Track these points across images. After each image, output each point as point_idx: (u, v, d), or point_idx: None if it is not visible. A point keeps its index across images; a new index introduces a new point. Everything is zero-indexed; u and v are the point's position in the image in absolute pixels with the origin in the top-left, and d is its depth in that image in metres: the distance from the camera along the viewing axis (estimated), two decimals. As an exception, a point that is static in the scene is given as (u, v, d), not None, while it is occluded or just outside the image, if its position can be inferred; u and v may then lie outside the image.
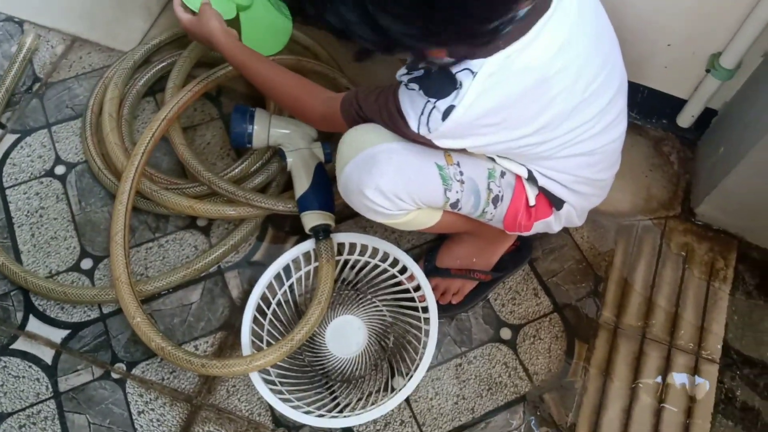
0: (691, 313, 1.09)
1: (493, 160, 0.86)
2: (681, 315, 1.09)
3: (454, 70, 0.71)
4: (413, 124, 0.75)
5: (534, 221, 0.93)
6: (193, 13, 1.05)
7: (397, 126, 0.79)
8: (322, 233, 1.04)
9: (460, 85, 0.71)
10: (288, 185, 1.13)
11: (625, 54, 0.90)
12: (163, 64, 1.22)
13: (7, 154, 1.19)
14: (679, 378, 1.04)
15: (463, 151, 0.81)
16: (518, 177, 0.89)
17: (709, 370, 1.05)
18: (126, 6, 1.35)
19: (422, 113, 0.74)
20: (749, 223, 1.14)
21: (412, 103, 0.75)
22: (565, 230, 1.16)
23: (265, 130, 1.10)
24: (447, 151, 0.84)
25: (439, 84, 0.72)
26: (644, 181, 1.21)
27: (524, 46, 0.70)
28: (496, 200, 0.89)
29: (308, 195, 1.06)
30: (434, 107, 0.72)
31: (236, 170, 1.14)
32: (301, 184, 1.07)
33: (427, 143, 0.78)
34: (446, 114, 0.72)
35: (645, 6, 1.04)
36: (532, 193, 0.91)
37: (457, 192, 0.85)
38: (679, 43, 1.08)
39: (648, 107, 1.24)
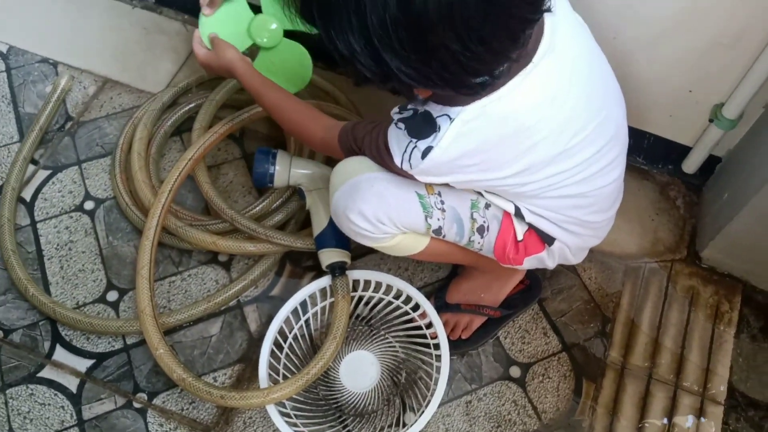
0: (697, 354, 1.12)
1: (480, 193, 0.91)
2: (687, 356, 1.11)
3: (434, 114, 0.76)
4: (397, 160, 0.81)
5: (524, 256, 0.96)
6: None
7: (384, 160, 0.85)
8: (338, 270, 1.08)
9: (439, 128, 0.76)
10: (306, 223, 1.18)
11: (631, 102, 0.94)
12: (191, 105, 1.28)
13: (39, 189, 1.25)
14: (684, 419, 1.06)
15: (446, 184, 0.86)
16: (505, 212, 0.92)
17: (714, 411, 1.07)
18: (155, 49, 1.42)
19: (405, 151, 0.80)
20: (753, 268, 1.17)
21: (398, 141, 0.81)
22: (574, 271, 1.19)
23: (286, 170, 1.15)
24: (429, 183, 0.89)
25: (421, 126, 0.78)
26: (651, 225, 1.25)
27: (501, 96, 0.74)
28: (481, 230, 0.93)
29: (326, 233, 1.10)
30: (415, 146, 0.78)
31: (257, 208, 1.18)
32: (319, 222, 1.12)
33: (411, 177, 0.83)
34: (425, 153, 0.77)
35: (649, 59, 1.09)
36: (520, 228, 0.93)
37: (438, 219, 0.90)
38: (683, 94, 1.13)
39: (654, 153, 1.28)
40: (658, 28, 1.04)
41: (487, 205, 0.92)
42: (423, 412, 0.99)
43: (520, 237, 0.94)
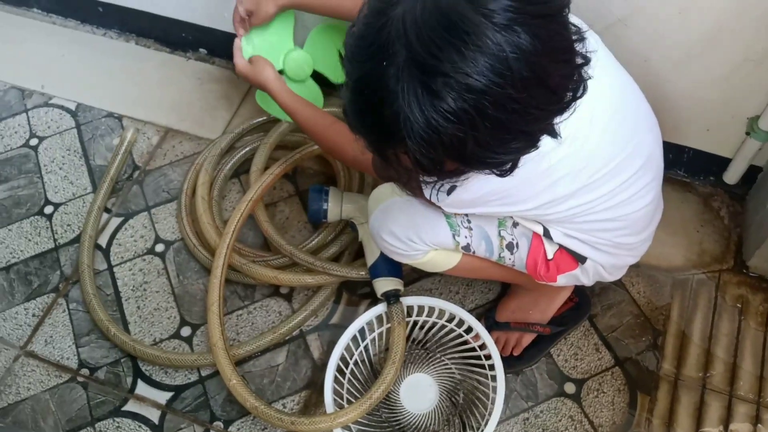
0: (750, 363, 1.13)
1: None
2: (740, 365, 1.13)
3: None
4: (426, 192, 0.84)
5: (557, 273, 0.99)
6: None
7: (414, 191, 0.86)
8: (392, 298, 1.14)
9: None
10: (359, 253, 1.25)
11: (668, 119, 0.97)
12: (246, 149, 1.37)
13: (113, 235, 1.36)
14: (741, 427, 1.08)
15: None
16: (534, 231, 0.95)
17: (771, 419, 1.09)
18: (210, 99, 1.52)
19: (433, 187, 0.81)
20: (802, 274, 1.18)
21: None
22: (622, 286, 1.22)
23: (338, 205, 1.22)
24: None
25: None
26: (696, 236, 1.27)
27: None
28: (510, 247, 0.97)
29: (379, 263, 1.17)
30: (441, 185, 0.79)
31: (313, 242, 1.26)
32: (372, 253, 1.18)
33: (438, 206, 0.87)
34: (450, 191, 0.82)
35: (681, 78, 1.13)
36: (550, 248, 0.96)
37: (465, 237, 0.96)
38: (718, 109, 1.15)
39: (695, 166, 1.30)
40: (688, 50, 1.08)
41: (515, 224, 0.96)
42: (482, 431, 1.04)
43: (550, 256, 0.97)
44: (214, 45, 1.55)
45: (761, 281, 1.21)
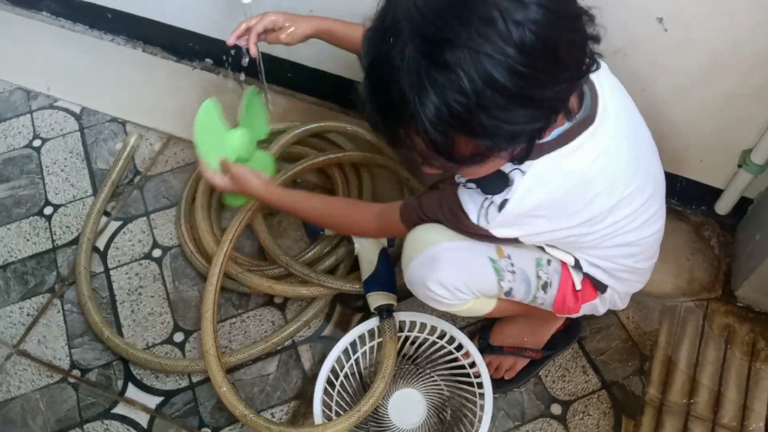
0: (734, 391, 1.15)
1: (542, 249, 0.97)
2: (724, 393, 1.14)
3: (506, 170, 0.82)
4: (473, 217, 0.85)
5: (581, 303, 1.02)
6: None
7: (459, 220, 0.89)
8: (385, 312, 1.15)
9: (512, 182, 0.81)
10: (354, 267, 1.26)
11: (663, 147, 0.99)
12: (247, 159, 1.39)
13: (111, 239, 1.37)
14: (724, 455, 1.09)
15: (515, 241, 0.91)
16: (564, 264, 0.99)
17: (754, 448, 1.10)
18: (214, 107, 1.54)
19: (481, 207, 0.84)
20: (789, 306, 1.20)
21: (471, 200, 0.86)
22: (611, 311, 1.24)
23: None
24: (499, 244, 0.95)
25: (495, 183, 0.83)
26: (686, 264, 1.29)
27: (569, 152, 0.80)
28: (545, 286, 0.99)
29: (373, 277, 1.18)
30: (491, 202, 0.83)
31: (309, 254, 1.27)
32: (367, 267, 1.20)
33: (484, 234, 0.87)
34: (501, 206, 0.82)
35: (679, 108, 1.15)
36: (578, 279, 1.00)
37: (509, 281, 0.96)
38: (712, 141, 1.18)
39: (687, 195, 1.33)
40: (683, 80, 1.11)
41: (549, 261, 0.97)
42: (468, 447, 1.05)
43: (578, 286, 1.00)
44: (221, 56, 1.58)
45: (748, 311, 1.23)
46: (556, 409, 1.15)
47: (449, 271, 0.94)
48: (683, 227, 1.33)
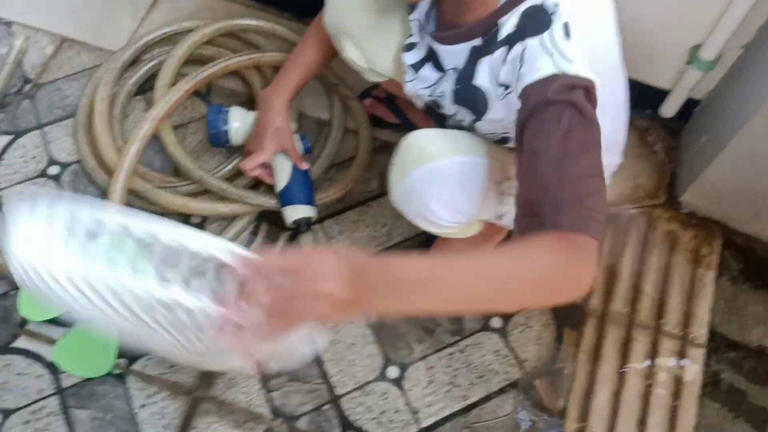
0: (677, 298, 1.12)
1: None
2: (667, 301, 1.12)
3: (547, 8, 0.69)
4: (558, 70, 0.65)
5: None
6: None
7: (587, 121, 0.65)
8: (304, 226, 1.07)
9: (551, 6, 0.69)
10: (282, 181, 1.15)
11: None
12: (153, 62, 1.23)
13: (0, 155, 1.20)
14: (666, 362, 1.07)
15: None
16: None
17: (695, 354, 1.08)
18: (113, 5, 1.35)
19: (545, 52, 0.67)
20: (732, 211, 1.17)
21: (535, 59, 0.68)
22: (553, 220, 1.18)
23: (243, 126, 1.12)
24: (506, 165, 0.84)
25: (539, 21, 0.69)
26: (630, 171, 1.24)
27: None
28: None
29: (290, 188, 1.09)
30: (551, 35, 0.68)
31: (227, 168, 1.15)
32: (282, 178, 1.09)
33: (578, 83, 0.65)
34: (565, 29, 0.68)
35: (623, 2, 1.06)
36: None
37: (508, 205, 0.86)
38: (660, 36, 1.10)
39: (632, 98, 1.25)
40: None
41: None
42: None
43: None
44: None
45: (692, 217, 1.19)
46: (496, 322, 1.10)
47: (458, 190, 0.81)
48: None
